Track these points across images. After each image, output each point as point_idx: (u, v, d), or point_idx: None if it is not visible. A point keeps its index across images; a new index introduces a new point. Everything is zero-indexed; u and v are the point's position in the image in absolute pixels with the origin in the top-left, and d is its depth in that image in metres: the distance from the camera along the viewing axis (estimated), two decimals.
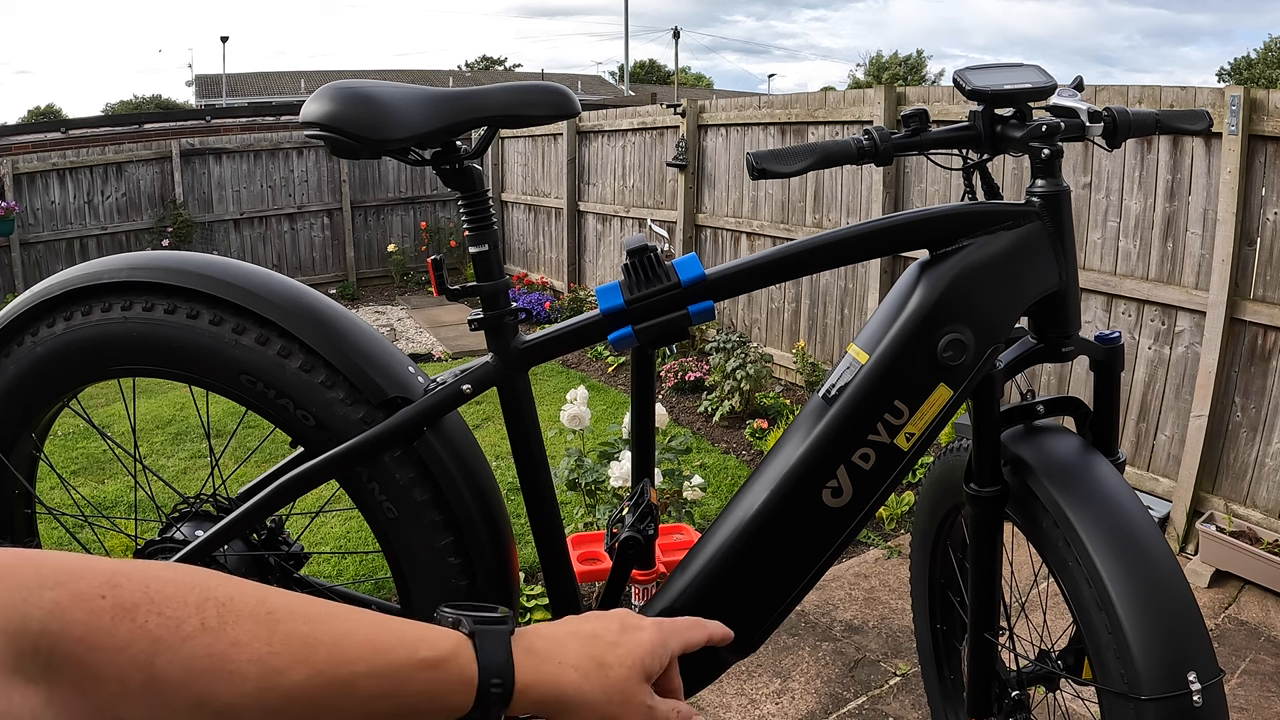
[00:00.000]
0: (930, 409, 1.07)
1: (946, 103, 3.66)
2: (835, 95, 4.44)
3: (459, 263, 8.26)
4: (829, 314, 4.58)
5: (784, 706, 2.11)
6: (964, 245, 1.06)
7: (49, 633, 0.41)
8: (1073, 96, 1.12)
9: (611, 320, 1.06)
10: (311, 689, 0.48)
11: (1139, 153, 3.09)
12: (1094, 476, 1.09)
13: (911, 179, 4.03)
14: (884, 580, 2.73)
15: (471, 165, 1.10)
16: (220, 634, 0.46)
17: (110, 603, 0.43)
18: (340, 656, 0.49)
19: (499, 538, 1.24)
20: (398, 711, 0.52)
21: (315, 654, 0.49)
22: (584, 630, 0.61)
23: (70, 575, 0.43)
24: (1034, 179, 1.09)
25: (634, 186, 6.12)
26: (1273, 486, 2.81)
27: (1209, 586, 2.70)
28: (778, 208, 4.82)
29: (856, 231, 1.09)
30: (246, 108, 11.77)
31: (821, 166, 1.07)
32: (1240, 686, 2.18)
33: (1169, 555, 1.02)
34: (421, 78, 26.35)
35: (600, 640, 0.61)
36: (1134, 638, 0.96)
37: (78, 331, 1.10)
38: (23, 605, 0.40)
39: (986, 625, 1.26)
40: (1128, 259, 3.18)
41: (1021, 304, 1.09)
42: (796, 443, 1.11)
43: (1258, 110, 2.69)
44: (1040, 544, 1.11)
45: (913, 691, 2.14)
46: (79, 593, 0.42)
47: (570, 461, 2.68)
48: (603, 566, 2.18)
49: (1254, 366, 2.83)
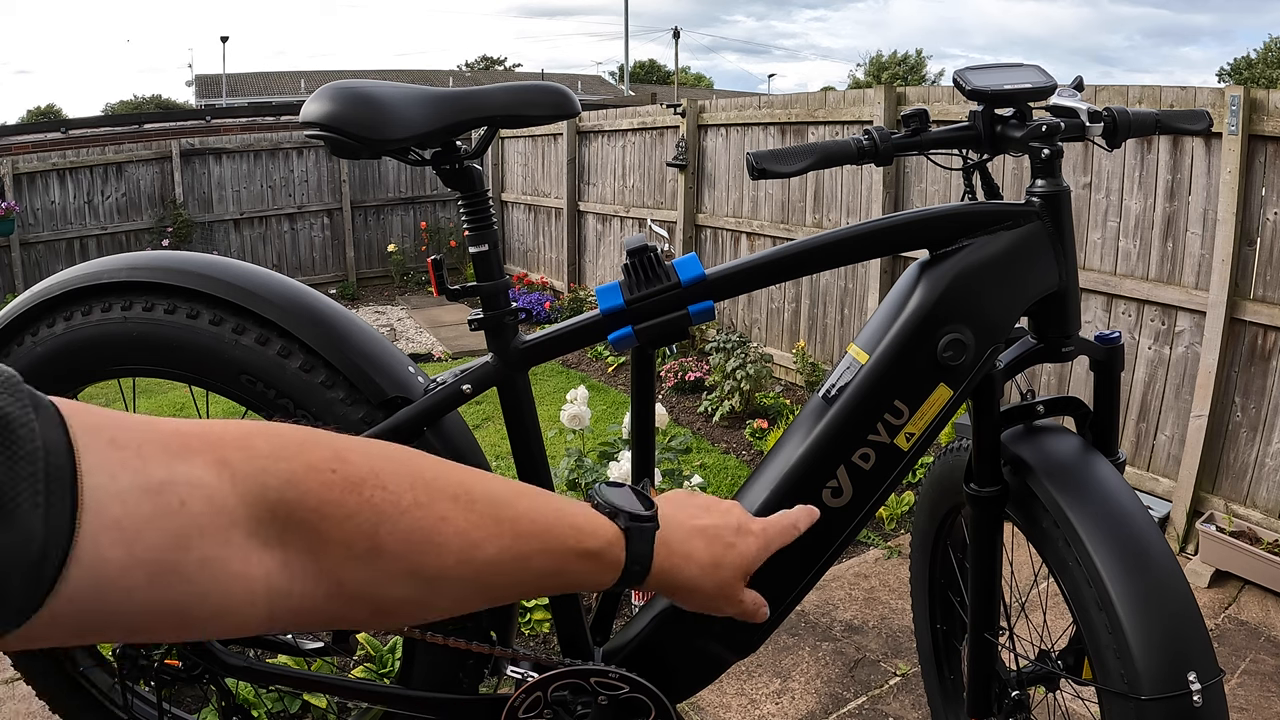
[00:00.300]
0: (930, 409, 1.07)
1: (946, 103, 3.66)
2: (835, 95, 4.44)
3: (459, 263, 8.27)
4: (829, 314, 4.58)
5: (784, 706, 2.11)
6: (964, 245, 1.06)
7: (285, 501, 0.44)
8: (1073, 96, 1.12)
9: (611, 320, 1.06)
10: (498, 562, 0.54)
11: (1139, 153, 3.09)
12: (1094, 476, 1.09)
13: (911, 179, 4.03)
14: (884, 580, 2.73)
15: (471, 165, 1.10)
16: (430, 510, 0.50)
17: (340, 476, 0.47)
18: (523, 536, 0.55)
19: None
20: (556, 585, 0.61)
21: (503, 532, 0.54)
22: (709, 529, 0.72)
23: (303, 448, 0.46)
24: (1034, 179, 1.09)
25: (634, 186, 6.12)
26: (1273, 486, 2.81)
27: (1209, 586, 2.70)
28: (778, 208, 4.82)
29: (856, 231, 1.09)
30: (246, 108, 11.77)
31: (821, 166, 1.07)
32: (1240, 686, 2.19)
33: (1169, 555, 1.02)
34: (421, 78, 26.34)
35: (720, 541, 0.72)
36: (1134, 638, 0.96)
37: (78, 331, 1.10)
38: (262, 475, 0.43)
39: (986, 625, 1.26)
40: (1128, 259, 3.18)
41: (1022, 304, 1.09)
42: (796, 443, 1.11)
43: (1258, 110, 2.69)
44: (1040, 544, 1.11)
45: (913, 691, 2.14)
46: (312, 464, 0.46)
47: (570, 461, 2.68)
48: None
49: (1254, 366, 2.83)
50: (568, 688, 1.16)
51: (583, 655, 1.23)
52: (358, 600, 0.48)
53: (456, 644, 1.18)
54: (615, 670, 1.14)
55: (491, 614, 1.25)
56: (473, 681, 1.28)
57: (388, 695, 1.28)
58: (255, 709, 1.81)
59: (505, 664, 1.25)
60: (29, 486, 0.33)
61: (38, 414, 0.35)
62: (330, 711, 1.87)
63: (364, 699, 1.40)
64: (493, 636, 1.25)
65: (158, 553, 0.38)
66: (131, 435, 0.39)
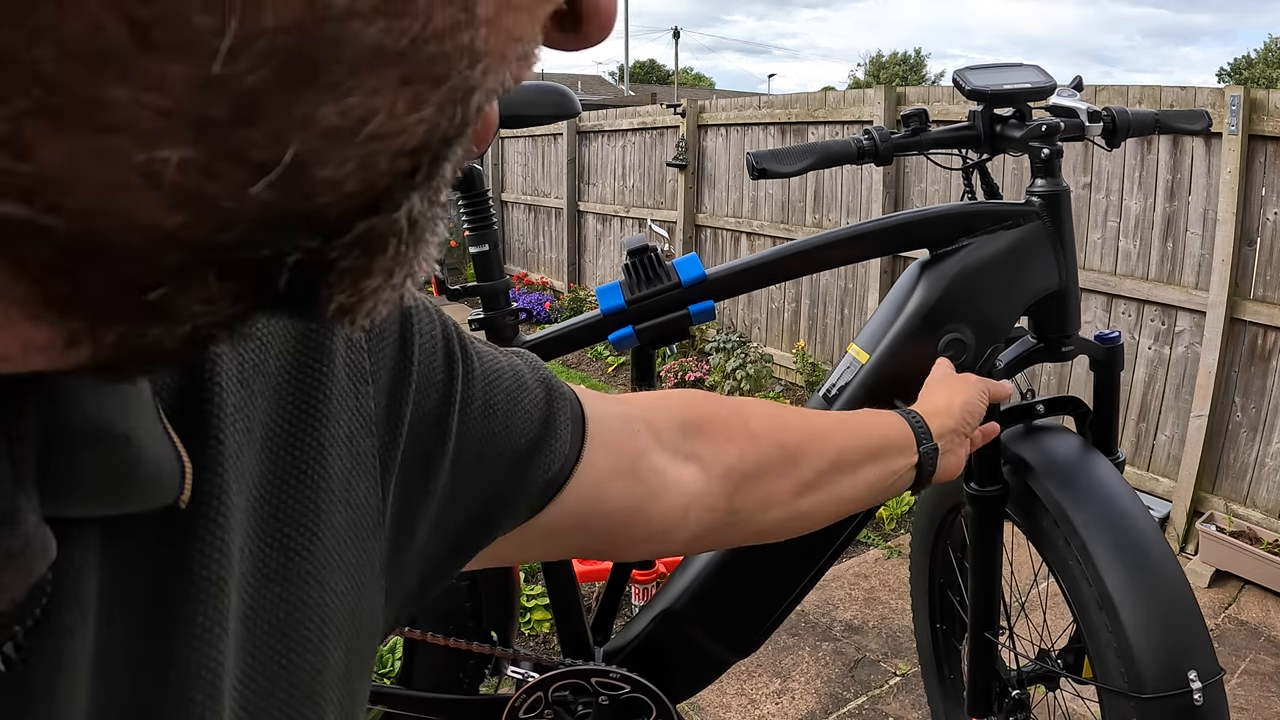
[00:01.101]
0: None
1: (946, 103, 3.66)
2: (835, 95, 4.44)
3: (459, 263, 8.26)
4: (829, 314, 4.58)
5: (784, 706, 2.11)
6: (964, 245, 1.06)
7: (688, 422, 0.58)
8: (1072, 96, 1.12)
9: (612, 320, 1.06)
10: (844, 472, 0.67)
11: (1139, 153, 3.09)
12: (1094, 476, 1.09)
13: (911, 179, 4.03)
14: (884, 580, 2.73)
15: (472, 165, 1.10)
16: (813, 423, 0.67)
17: (726, 403, 0.62)
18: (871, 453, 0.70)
19: None
20: (879, 493, 0.72)
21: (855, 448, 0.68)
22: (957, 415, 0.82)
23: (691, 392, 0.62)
24: (1034, 179, 1.09)
25: (634, 186, 6.12)
26: (1273, 486, 2.81)
27: (1209, 586, 2.71)
28: (778, 208, 4.82)
29: (856, 231, 1.09)
30: None
31: (821, 166, 1.07)
32: (1240, 686, 2.19)
33: (1169, 554, 1.02)
34: None
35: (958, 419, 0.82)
36: (1134, 636, 0.96)
37: None
38: (668, 404, 0.58)
39: (986, 625, 1.26)
40: (1128, 259, 3.18)
41: (1021, 303, 1.09)
42: None
43: (1258, 110, 2.69)
44: (1040, 543, 1.11)
45: (913, 691, 2.14)
46: (696, 393, 0.62)
47: None
48: (603, 566, 2.18)
49: (1254, 366, 2.83)
50: (568, 688, 1.16)
51: (583, 655, 1.23)
52: (746, 527, 0.61)
53: (457, 644, 1.18)
54: (616, 670, 1.15)
55: (492, 614, 1.25)
56: (473, 682, 1.28)
57: (388, 695, 1.29)
58: None
59: (506, 664, 1.25)
60: (563, 415, 0.46)
61: (559, 382, 0.48)
62: None
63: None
64: (493, 637, 1.25)
65: (628, 459, 0.52)
66: (604, 397, 0.53)
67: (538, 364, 0.48)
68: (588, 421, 0.49)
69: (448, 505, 0.40)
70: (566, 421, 0.47)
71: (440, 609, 1.23)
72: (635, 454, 0.52)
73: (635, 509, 0.52)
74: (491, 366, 0.43)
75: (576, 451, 0.47)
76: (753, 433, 0.61)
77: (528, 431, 0.44)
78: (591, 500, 0.49)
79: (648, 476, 0.53)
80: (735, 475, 0.59)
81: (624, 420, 0.53)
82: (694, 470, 0.56)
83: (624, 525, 0.52)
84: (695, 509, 0.56)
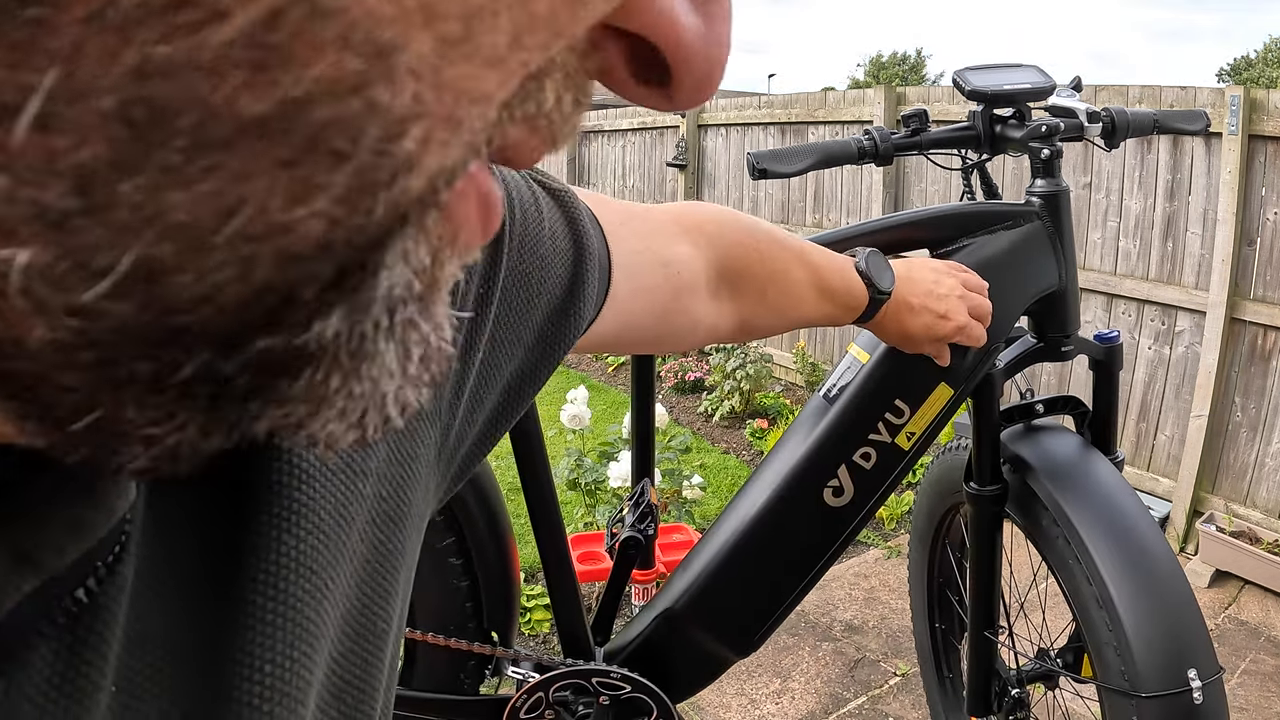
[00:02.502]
0: (931, 408, 1.07)
1: (946, 103, 3.66)
2: (835, 95, 4.44)
3: None
4: None
5: (784, 706, 2.11)
6: (964, 245, 1.07)
7: (726, 267, 0.65)
8: (1072, 96, 1.12)
9: None
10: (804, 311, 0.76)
11: (1139, 153, 3.09)
12: (1093, 475, 1.09)
13: (911, 179, 4.03)
14: (884, 580, 2.74)
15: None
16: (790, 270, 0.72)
17: (752, 249, 0.68)
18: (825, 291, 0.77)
19: (500, 538, 1.24)
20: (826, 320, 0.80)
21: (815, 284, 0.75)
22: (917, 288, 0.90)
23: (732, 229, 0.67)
24: (1034, 179, 1.09)
25: (634, 186, 6.12)
26: (1273, 486, 2.81)
27: (1209, 586, 2.71)
28: (778, 208, 4.82)
29: (856, 232, 1.09)
30: None
31: (822, 167, 1.07)
32: (1240, 686, 2.19)
33: (1169, 553, 1.02)
34: None
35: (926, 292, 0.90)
36: (1134, 635, 0.96)
37: None
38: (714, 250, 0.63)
39: (986, 624, 1.26)
40: (1128, 259, 3.18)
41: (1021, 303, 1.09)
42: (797, 442, 1.11)
43: (1258, 110, 2.70)
44: (1040, 543, 1.11)
45: (913, 691, 2.14)
46: (739, 241, 0.67)
47: (570, 461, 2.68)
48: (603, 567, 2.18)
49: (1254, 366, 2.83)
50: (569, 688, 1.16)
51: (584, 655, 1.23)
52: (744, 326, 0.70)
53: (458, 645, 1.18)
54: (616, 670, 1.15)
55: (492, 614, 1.25)
56: (474, 682, 1.28)
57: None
58: None
59: (506, 664, 1.25)
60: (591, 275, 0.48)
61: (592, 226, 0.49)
62: None
63: None
64: (494, 637, 1.25)
65: (660, 304, 0.57)
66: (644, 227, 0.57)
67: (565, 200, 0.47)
68: (615, 263, 0.51)
69: (485, 380, 0.40)
70: (594, 280, 0.48)
71: (440, 609, 1.23)
72: (670, 296, 0.58)
73: (656, 339, 0.60)
74: (530, 228, 0.43)
75: (599, 305, 0.50)
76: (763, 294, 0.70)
77: (556, 298, 0.45)
78: (616, 335, 0.54)
79: (676, 318, 0.60)
80: (738, 323, 0.69)
81: (666, 262, 0.58)
82: (715, 312, 0.65)
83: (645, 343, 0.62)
84: (703, 336, 0.66)
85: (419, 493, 0.34)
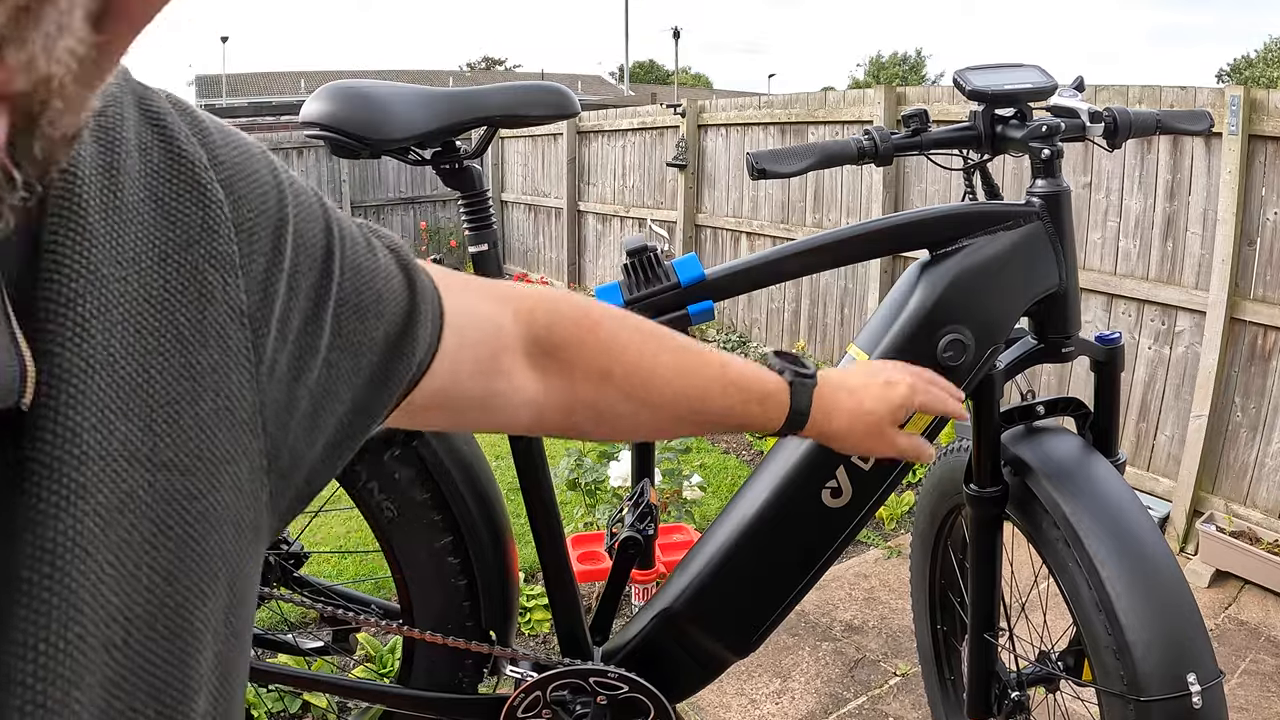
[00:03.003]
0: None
1: (946, 103, 3.66)
2: (835, 95, 4.43)
3: (459, 263, 8.26)
4: (829, 314, 4.58)
5: (784, 706, 2.11)
6: (964, 245, 1.06)
7: (551, 333, 0.61)
8: (1073, 96, 1.12)
9: None
10: (693, 396, 0.69)
11: (1139, 153, 3.09)
12: (1094, 477, 1.09)
13: (911, 179, 4.03)
14: (884, 580, 2.73)
15: (471, 165, 1.10)
16: (647, 351, 0.67)
17: (587, 321, 0.64)
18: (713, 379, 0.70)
19: (499, 538, 1.24)
20: (735, 423, 0.74)
21: (701, 374, 0.70)
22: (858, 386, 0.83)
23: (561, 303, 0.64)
24: (1034, 179, 1.09)
25: (634, 186, 6.12)
26: (1273, 486, 2.80)
27: (1209, 586, 2.70)
28: (778, 208, 4.82)
29: (856, 232, 1.09)
30: (246, 108, 11.77)
31: (822, 167, 1.07)
32: (1240, 686, 2.18)
33: (1169, 556, 1.02)
34: (422, 78, 26.31)
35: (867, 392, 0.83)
36: (1134, 639, 0.96)
37: None
38: (533, 313, 0.61)
39: (986, 626, 1.26)
40: (1128, 259, 3.17)
41: (1021, 304, 1.09)
42: (797, 443, 1.11)
43: (1258, 110, 2.69)
44: (1040, 545, 1.11)
45: (913, 691, 2.14)
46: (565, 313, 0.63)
47: (570, 461, 2.68)
48: (603, 567, 2.18)
49: (1254, 366, 2.83)
50: (567, 687, 1.16)
51: (582, 655, 1.23)
52: (584, 406, 0.64)
53: (456, 644, 1.18)
54: (614, 670, 1.15)
55: (490, 614, 1.25)
56: (472, 681, 1.28)
57: (387, 695, 1.29)
58: (255, 709, 1.81)
59: (504, 664, 1.25)
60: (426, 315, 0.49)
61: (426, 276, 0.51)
62: (330, 711, 1.87)
63: (364, 698, 1.40)
64: (492, 636, 1.25)
65: (483, 350, 0.56)
66: (471, 285, 0.58)
67: (401, 252, 0.50)
68: (446, 316, 0.52)
69: (320, 403, 0.41)
70: (428, 321, 0.50)
71: (439, 608, 1.23)
72: (493, 355, 0.57)
73: (483, 401, 0.58)
74: (362, 263, 0.45)
75: (433, 350, 0.51)
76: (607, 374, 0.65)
77: (392, 332, 0.46)
78: (444, 391, 0.54)
79: (498, 381, 0.58)
80: (574, 404, 0.64)
81: (489, 320, 0.58)
82: (538, 386, 0.61)
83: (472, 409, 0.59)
84: (530, 415, 0.62)
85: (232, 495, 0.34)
